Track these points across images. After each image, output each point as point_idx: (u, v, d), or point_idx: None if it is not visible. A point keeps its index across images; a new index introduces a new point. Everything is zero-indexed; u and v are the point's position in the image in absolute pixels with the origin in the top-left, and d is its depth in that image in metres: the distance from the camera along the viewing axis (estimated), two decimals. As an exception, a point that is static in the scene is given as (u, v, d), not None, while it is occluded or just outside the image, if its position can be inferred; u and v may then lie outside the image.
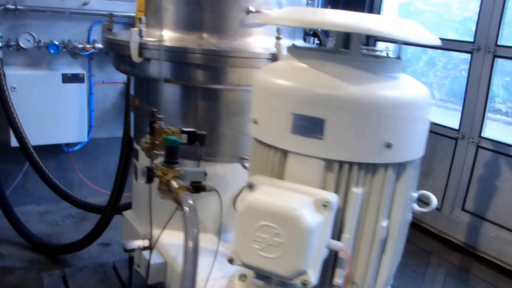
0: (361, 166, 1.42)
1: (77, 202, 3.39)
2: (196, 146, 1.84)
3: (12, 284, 2.78)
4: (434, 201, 1.66)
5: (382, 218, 1.49)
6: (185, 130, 1.82)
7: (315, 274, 1.33)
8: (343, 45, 1.95)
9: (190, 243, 1.36)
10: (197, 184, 1.70)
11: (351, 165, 1.41)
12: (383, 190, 1.46)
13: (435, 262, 3.98)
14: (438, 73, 5.05)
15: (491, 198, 3.96)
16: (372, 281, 1.55)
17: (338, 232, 1.45)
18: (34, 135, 3.25)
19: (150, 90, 2.15)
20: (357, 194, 1.42)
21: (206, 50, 1.89)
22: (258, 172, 1.55)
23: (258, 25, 2.00)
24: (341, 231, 1.45)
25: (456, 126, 4.13)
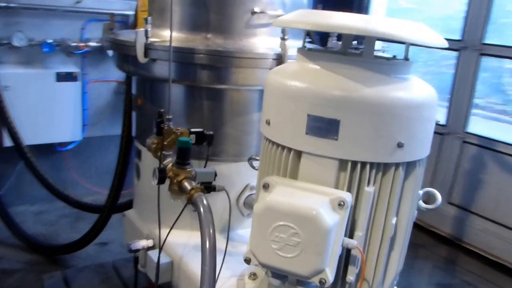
0: (373, 165, 1.44)
1: (73, 201, 3.35)
2: (203, 146, 1.85)
3: (12, 287, 2.73)
4: (439, 198, 1.71)
5: (392, 216, 1.53)
6: (193, 130, 1.83)
7: (332, 272, 1.36)
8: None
9: (207, 244, 1.37)
10: (207, 184, 1.71)
11: (364, 164, 1.44)
12: (393, 189, 1.50)
13: (423, 254, 4.04)
14: (419, 69, 5.14)
15: (477, 191, 4.04)
16: (381, 277, 1.59)
17: (350, 230, 1.48)
18: (27, 135, 3.20)
19: (154, 90, 2.14)
20: (369, 193, 1.45)
21: (213, 50, 1.90)
22: (270, 172, 1.57)
23: (264, 25, 2.02)
24: (353, 229, 1.48)
25: (440, 122, 4.20)
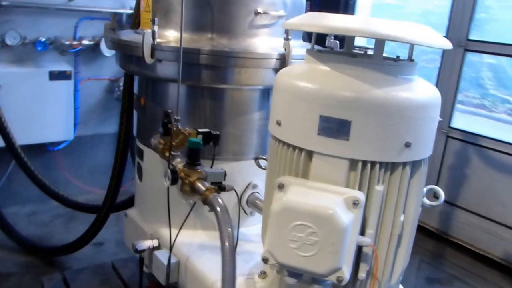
0: (382, 165, 1.48)
1: (68, 201, 3.31)
2: (207, 146, 1.86)
3: (10, 290, 2.70)
4: (442, 194, 1.78)
5: (400, 213, 1.57)
6: (200, 130, 1.84)
7: (349, 270, 1.40)
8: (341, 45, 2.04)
9: (227, 244, 1.38)
10: (218, 184, 1.72)
11: (373, 164, 1.47)
12: (401, 187, 1.54)
13: (410, 249, 4.12)
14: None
15: (462, 185, 4.14)
16: (389, 274, 1.63)
17: (361, 228, 1.52)
18: (20, 135, 3.13)
19: (158, 90, 2.14)
20: (379, 192, 1.49)
21: (220, 51, 1.91)
22: (280, 172, 1.59)
23: (266, 26, 2.04)
24: (363, 227, 1.52)
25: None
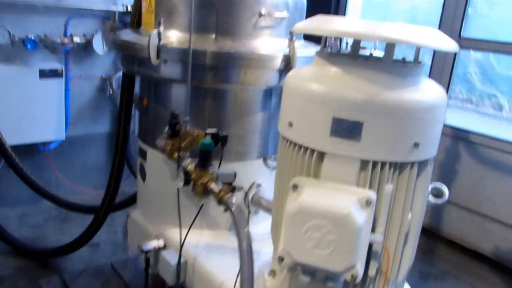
0: (391, 165, 1.51)
1: (62, 202, 3.27)
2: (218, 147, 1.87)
3: (4, 295, 2.65)
4: (446, 192, 1.82)
5: (407, 212, 1.61)
6: (208, 132, 1.85)
7: (362, 267, 1.43)
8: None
9: (245, 244, 1.40)
10: (228, 185, 1.73)
11: (383, 164, 1.50)
12: (408, 186, 1.57)
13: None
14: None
15: (452, 181, 4.21)
16: (396, 271, 1.67)
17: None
18: (9, 134, 3.05)
19: (162, 90, 2.13)
20: (389, 191, 1.52)
21: (225, 52, 1.92)
22: (290, 172, 1.61)
23: (270, 27, 2.05)
24: (373, 226, 1.55)
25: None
